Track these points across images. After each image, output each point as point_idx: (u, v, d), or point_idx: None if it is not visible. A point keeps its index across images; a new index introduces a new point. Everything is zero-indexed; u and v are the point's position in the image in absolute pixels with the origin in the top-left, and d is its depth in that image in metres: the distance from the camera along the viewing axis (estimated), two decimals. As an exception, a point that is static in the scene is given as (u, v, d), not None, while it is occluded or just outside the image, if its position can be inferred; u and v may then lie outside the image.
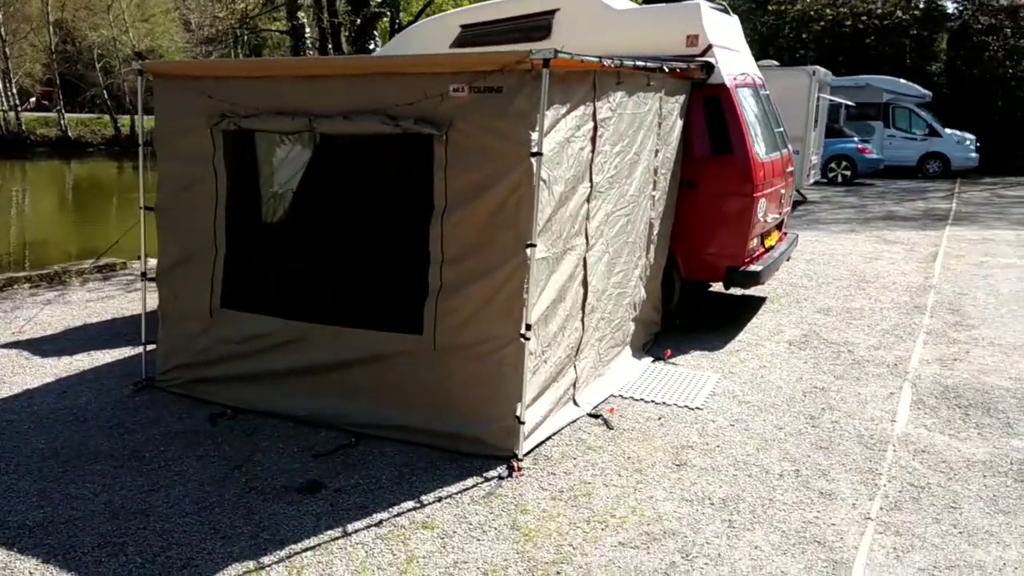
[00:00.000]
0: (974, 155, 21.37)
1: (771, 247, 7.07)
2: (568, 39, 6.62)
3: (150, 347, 5.34)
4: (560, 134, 4.21)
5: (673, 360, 5.88)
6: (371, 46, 16.00)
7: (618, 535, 3.55)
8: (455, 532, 3.57)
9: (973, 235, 11.77)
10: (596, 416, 4.80)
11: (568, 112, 4.28)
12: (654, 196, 5.75)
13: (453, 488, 3.96)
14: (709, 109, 6.31)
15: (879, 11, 25.95)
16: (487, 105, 4.02)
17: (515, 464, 4.11)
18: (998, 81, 23.71)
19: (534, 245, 3.98)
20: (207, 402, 4.97)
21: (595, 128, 4.61)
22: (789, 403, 5.09)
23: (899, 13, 25.74)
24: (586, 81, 4.47)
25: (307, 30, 15.19)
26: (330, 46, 16.81)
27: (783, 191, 7.19)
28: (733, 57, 6.73)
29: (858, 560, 3.36)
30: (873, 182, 19.25)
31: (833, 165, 18.94)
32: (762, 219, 6.47)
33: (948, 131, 21.36)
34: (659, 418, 4.82)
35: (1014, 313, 7.26)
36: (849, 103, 18.58)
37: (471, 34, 7.36)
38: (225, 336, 4.95)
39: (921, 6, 26.90)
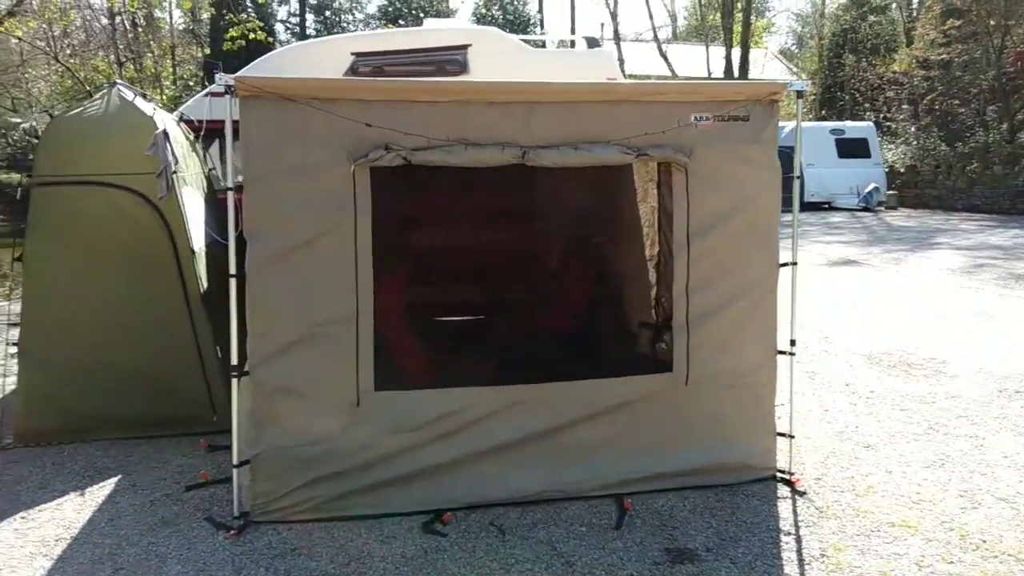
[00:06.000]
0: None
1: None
2: (489, 75, 6.63)
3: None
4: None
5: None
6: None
7: (945, 503, 3.99)
8: (862, 546, 3.60)
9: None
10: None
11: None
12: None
13: (784, 513, 3.91)
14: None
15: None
16: (733, 133, 4.07)
17: (794, 479, 4.21)
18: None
19: (795, 263, 4.19)
20: (370, 517, 3.84)
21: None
22: (823, 386, 5.99)
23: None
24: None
25: None
26: None
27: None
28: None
29: (1072, 465, 4.44)
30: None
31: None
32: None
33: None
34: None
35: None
36: None
37: (367, 63, 6.72)
38: (391, 426, 3.89)
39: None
